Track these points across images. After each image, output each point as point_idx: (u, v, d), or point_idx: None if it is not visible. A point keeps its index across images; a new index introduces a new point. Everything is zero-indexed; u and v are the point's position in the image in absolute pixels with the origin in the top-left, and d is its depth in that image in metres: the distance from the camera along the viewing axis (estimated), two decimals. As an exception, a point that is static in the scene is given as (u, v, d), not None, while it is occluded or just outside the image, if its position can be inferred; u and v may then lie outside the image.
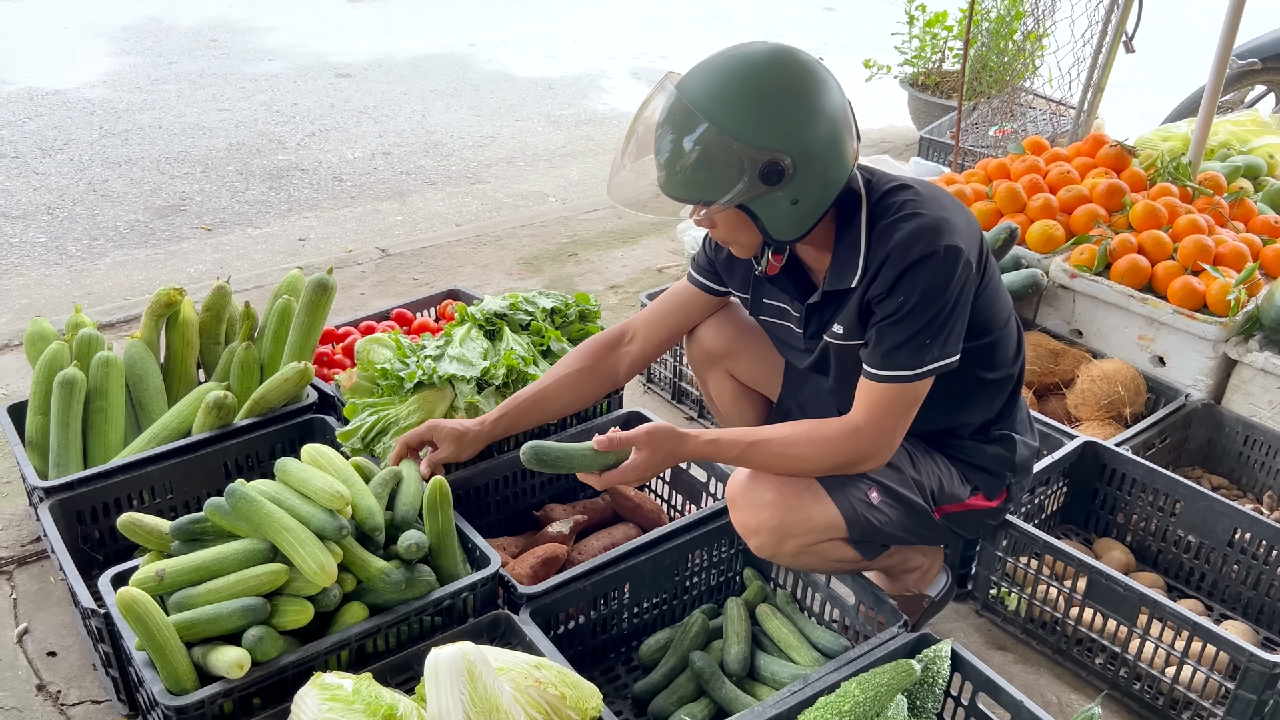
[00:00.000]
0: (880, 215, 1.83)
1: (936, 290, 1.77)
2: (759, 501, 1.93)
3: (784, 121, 1.68)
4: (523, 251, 4.23)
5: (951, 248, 1.77)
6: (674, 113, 1.71)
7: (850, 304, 1.87)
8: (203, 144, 5.52)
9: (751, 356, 2.31)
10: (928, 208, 1.80)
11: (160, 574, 1.78)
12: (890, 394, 1.84)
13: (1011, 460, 2.08)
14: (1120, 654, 2.15)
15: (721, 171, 1.69)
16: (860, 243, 1.84)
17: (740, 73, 1.69)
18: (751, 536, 1.97)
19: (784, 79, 1.69)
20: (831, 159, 1.73)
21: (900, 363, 1.81)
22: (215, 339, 2.72)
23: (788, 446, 1.88)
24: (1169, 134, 3.75)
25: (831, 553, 1.99)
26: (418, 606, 1.88)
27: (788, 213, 1.75)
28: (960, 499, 2.07)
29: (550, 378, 2.19)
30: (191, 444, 2.41)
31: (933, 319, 1.79)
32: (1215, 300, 2.73)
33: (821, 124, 1.70)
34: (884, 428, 1.86)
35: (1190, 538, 2.43)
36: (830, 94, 1.72)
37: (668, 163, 1.72)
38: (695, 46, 7.93)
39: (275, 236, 4.53)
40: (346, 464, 1.97)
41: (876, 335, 1.83)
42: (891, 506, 1.97)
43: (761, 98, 1.67)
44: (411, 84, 6.72)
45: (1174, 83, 7.59)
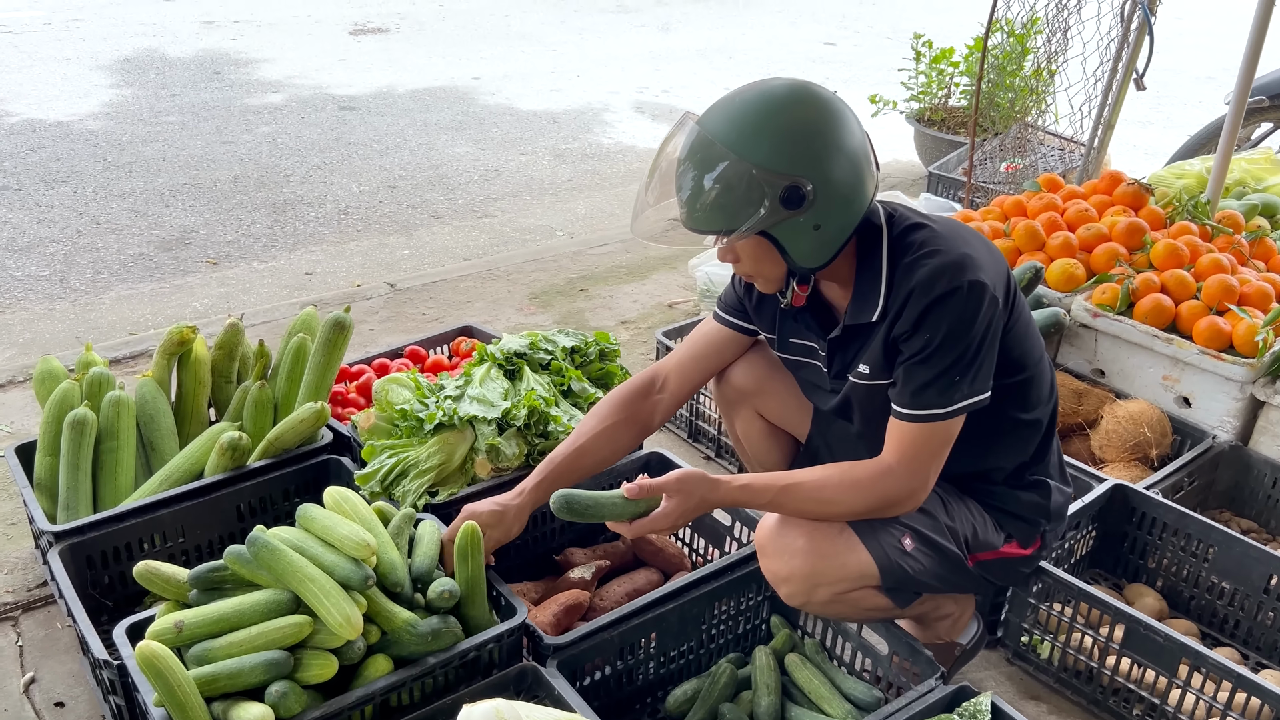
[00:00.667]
0: (901, 252, 1.81)
1: (963, 326, 1.75)
2: (790, 548, 1.88)
3: (803, 147, 1.68)
4: (532, 286, 4.19)
5: (975, 283, 1.75)
6: (694, 146, 1.73)
7: (875, 342, 1.85)
8: (207, 176, 5.50)
9: (781, 395, 2.27)
10: (949, 244, 1.79)
11: (179, 625, 1.72)
12: (921, 433, 1.81)
13: (1046, 507, 2.04)
14: (1160, 705, 2.10)
15: (742, 198, 1.68)
16: (880, 277, 1.82)
17: (758, 103, 1.70)
18: (782, 585, 1.92)
19: (802, 108, 1.71)
20: (852, 185, 1.73)
21: (930, 401, 1.78)
22: (227, 378, 2.67)
23: (821, 490, 1.84)
24: (1182, 172, 3.75)
25: (864, 601, 1.94)
26: (444, 659, 1.82)
27: (811, 239, 1.74)
28: (994, 547, 2.02)
29: (586, 433, 2.12)
30: (204, 486, 2.35)
31: (960, 356, 1.77)
32: (1242, 341, 2.70)
33: (840, 151, 1.71)
34: (916, 469, 1.83)
35: (1224, 584, 2.38)
36: (848, 124, 1.73)
37: (690, 195, 1.73)
38: (698, 81, 7.97)
39: (281, 270, 4.49)
40: (369, 510, 1.91)
41: (904, 374, 1.80)
42: (925, 554, 1.92)
43: (780, 125, 1.68)
44: (415, 117, 6.71)
45: (1175, 119, 7.65)
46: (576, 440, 2.12)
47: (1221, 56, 9.61)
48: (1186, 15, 10.36)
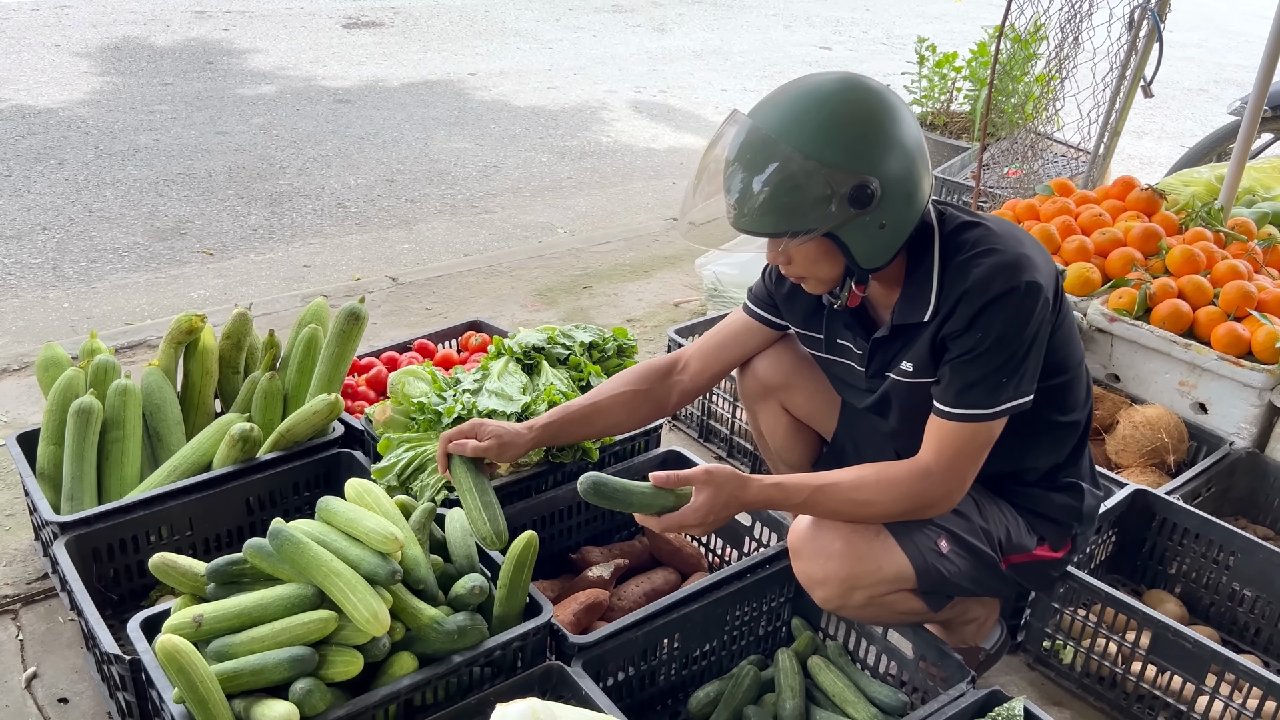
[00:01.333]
0: (955, 251, 1.78)
1: (1016, 327, 1.72)
2: (825, 551, 1.85)
3: (869, 144, 1.64)
4: (536, 283, 4.15)
5: (1032, 284, 1.72)
6: (752, 144, 1.67)
7: (922, 340, 1.82)
8: (201, 166, 5.41)
9: (808, 390, 2.23)
10: (1005, 244, 1.76)
11: (198, 620, 1.67)
12: (963, 434, 1.77)
13: (1079, 510, 2.01)
14: (1186, 712, 2.08)
15: (811, 198, 1.63)
16: (932, 277, 1.79)
17: (816, 99, 1.65)
18: (817, 588, 1.88)
19: (860, 103, 1.66)
20: (914, 181, 1.70)
21: (975, 401, 1.75)
22: (235, 368, 2.61)
23: (856, 490, 1.80)
24: (1191, 179, 3.75)
25: (898, 604, 1.91)
26: (470, 657, 1.77)
27: (875, 239, 1.70)
28: (1027, 549, 2.00)
29: (602, 393, 2.11)
30: (214, 478, 2.30)
31: (1010, 357, 1.74)
32: (1261, 347, 2.69)
33: (902, 146, 1.67)
34: (955, 470, 1.79)
35: (1246, 591, 2.37)
36: (905, 118, 1.70)
37: (748, 196, 1.67)
38: (695, 82, 7.95)
39: (279, 262, 4.42)
40: (393, 504, 1.86)
41: (950, 372, 1.77)
42: (961, 556, 1.89)
43: (842, 122, 1.64)
44: (412, 111, 6.65)
45: (1168, 129, 7.70)
46: (594, 397, 2.10)
47: (1211, 69, 9.71)
48: (1176, 28, 10.47)
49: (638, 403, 2.13)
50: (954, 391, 1.76)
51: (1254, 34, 11.51)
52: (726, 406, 3.01)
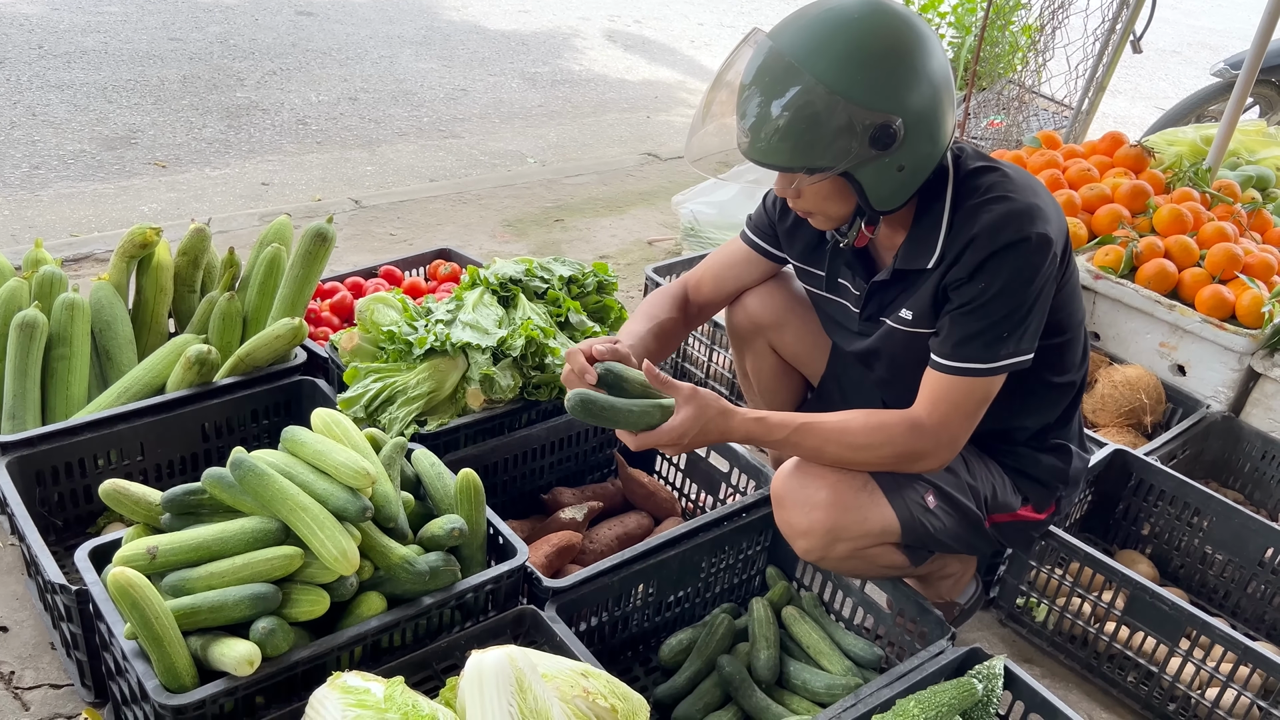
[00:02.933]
0: (967, 194, 1.70)
1: (1022, 280, 1.65)
2: (811, 500, 1.78)
3: (895, 80, 1.54)
4: (505, 214, 4.01)
5: (1042, 236, 1.65)
6: (772, 69, 1.55)
7: (924, 287, 1.74)
8: (154, 74, 5.15)
9: (798, 330, 2.16)
10: (1019, 192, 1.68)
11: (153, 551, 1.56)
12: (959, 388, 1.71)
13: (1065, 472, 1.98)
14: (1156, 673, 2.07)
15: (831, 135, 1.53)
16: (941, 222, 1.71)
17: (845, 28, 1.54)
18: (800, 539, 1.83)
19: (891, 34, 1.55)
20: (938, 122, 1.60)
21: (973, 354, 1.68)
22: (191, 287, 2.48)
23: (843, 434, 1.73)
24: (1175, 139, 3.70)
25: (880, 558, 1.86)
26: (441, 599, 1.69)
27: (893, 180, 1.61)
28: (1012, 509, 1.96)
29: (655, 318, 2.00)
30: (167, 402, 2.18)
31: (1013, 310, 1.67)
32: (1246, 311, 2.67)
33: (929, 83, 1.57)
34: (948, 425, 1.73)
35: (1218, 555, 2.37)
36: (935, 51, 1.59)
37: (765, 125, 1.56)
38: (670, 14, 7.74)
39: (236, 179, 4.22)
40: (362, 436, 1.76)
41: (950, 323, 1.70)
42: (946, 513, 1.85)
43: (871, 55, 1.53)
44: (377, 28, 6.39)
45: (1142, 89, 7.68)
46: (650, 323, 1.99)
47: (1185, 31, 9.69)
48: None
49: (676, 329, 2.06)
50: (952, 343, 1.69)
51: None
52: (702, 350, 2.94)
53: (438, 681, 1.67)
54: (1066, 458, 1.98)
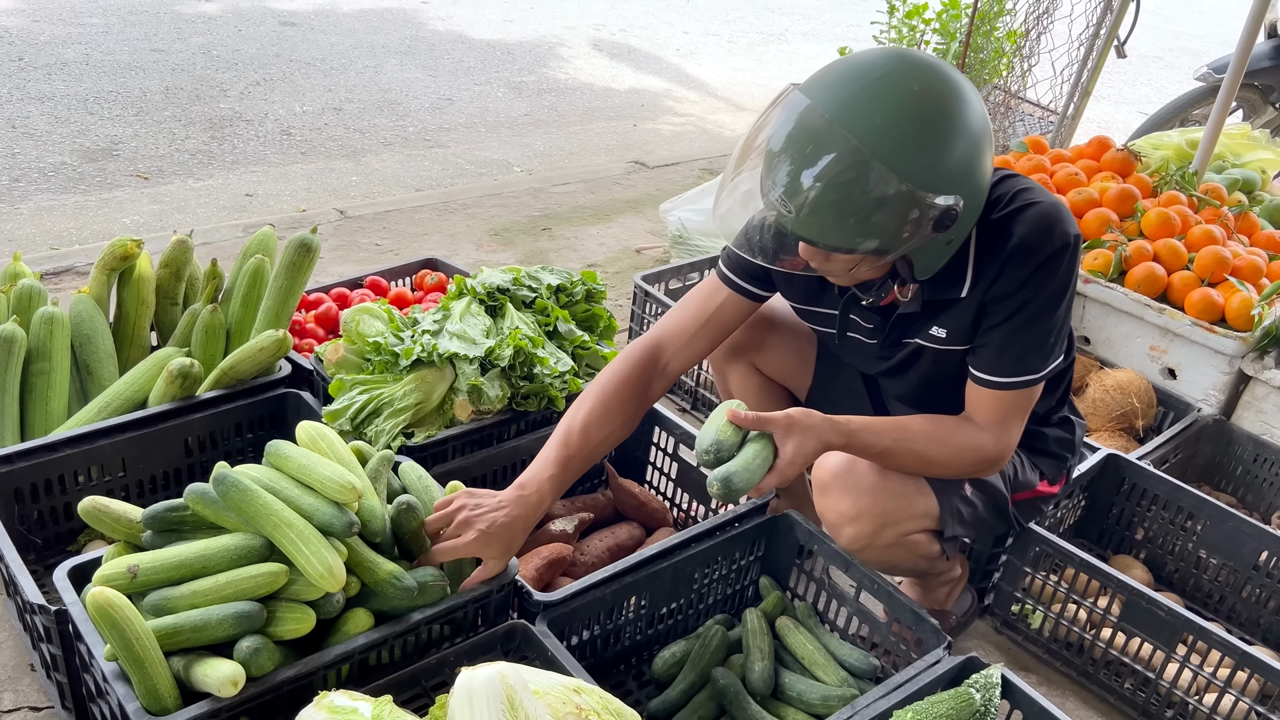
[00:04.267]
0: (990, 208, 1.65)
1: (1064, 285, 1.66)
2: (860, 486, 1.77)
3: (958, 161, 1.48)
4: (492, 223, 3.98)
5: (1077, 237, 1.65)
6: (829, 145, 1.44)
7: (959, 310, 1.70)
8: (136, 85, 5.11)
9: (781, 349, 2.14)
10: (1041, 194, 1.66)
11: (134, 570, 1.53)
12: (1019, 400, 1.72)
13: (1072, 441, 2.01)
14: (1153, 679, 2.06)
15: (899, 222, 1.47)
16: (970, 249, 1.67)
17: (904, 103, 1.45)
18: (848, 525, 1.81)
19: (947, 108, 1.47)
20: (985, 186, 1.57)
21: (1030, 365, 1.69)
22: (173, 299, 2.44)
23: (930, 447, 1.73)
24: (1161, 142, 3.71)
25: (920, 547, 1.87)
26: (430, 615, 1.66)
27: (940, 253, 1.59)
28: (1032, 485, 1.99)
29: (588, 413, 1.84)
30: (149, 416, 2.14)
31: (1062, 314, 1.69)
32: (1235, 314, 2.66)
33: (983, 154, 1.53)
34: (1011, 435, 1.75)
35: (1213, 559, 2.35)
36: (979, 110, 1.52)
37: (824, 206, 1.47)
38: (656, 23, 7.74)
39: (219, 190, 4.18)
40: (348, 450, 1.73)
41: (1004, 338, 1.67)
42: (980, 498, 1.89)
43: (937, 135, 1.46)
44: (361, 38, 6.36)
45: (1125, 95, 7.71)
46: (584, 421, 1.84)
47: (1166, 37, 9.74)
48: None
49: (624, 410, 1.87)
50: (1010, 360, 1.67)
51: (1208, 4, 11.59)
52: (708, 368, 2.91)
53: (427, 700, 1.63)
54: (1070, 428, 2.02)
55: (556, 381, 2.21)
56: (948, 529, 1.82)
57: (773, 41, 7.75)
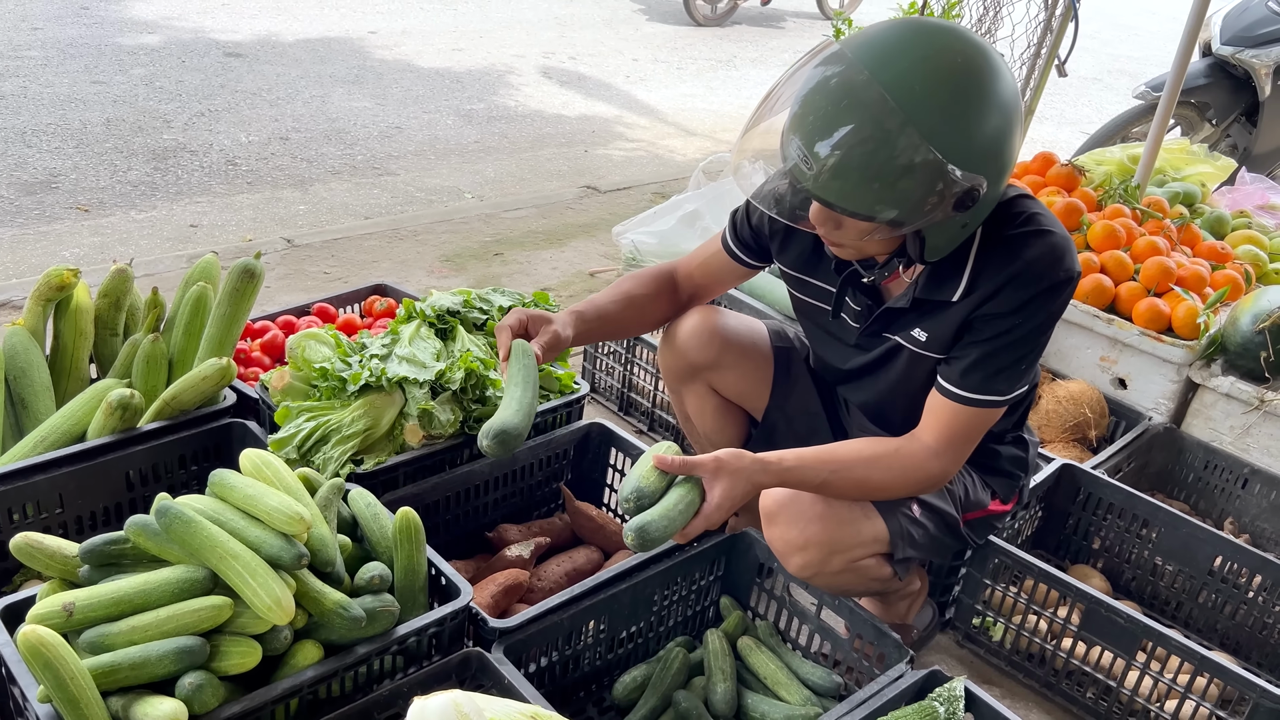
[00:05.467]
0: (1001, 220, 1.63)
1: (1054, 317, 1.66)
2: (807, 514, 1.74)
3: (989, 139, 1.45)
4: (443, 249, 3.95)
5: (1078, 274, 1.65)
6: (864, 103, 1.40)
7: (947, 315, 1.69)
8: (75, 117, 5.01)
9: (737, 368, 2.13)
10: (1056, 226, 1.65)
11: (69, 608, 1.46)
12: (976, 418, 1.70)
13: (1025, 460, 2.00)
14: (1115, 688, 2.06)
15: (923, 193, 1.43)
16: (969, 256, 1.65)
17: (946, 73, 1.41)
18: (796, 554, 1.78)
19: (986, 83, 1.44)
20: (1010, 170, 1.55)
21: (997, 386, 1.67)
22: (113, 330, 2.37)
23: (870, 470, 1.70)
24: (1103, 158, 3.78)
25: (870, 570, 1.83)
26: (381, 645, 1.61)
27: (954, 234, 1.57)
28: (983, 505, 1.97)
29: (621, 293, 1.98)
30: (88, 450, 2.06)
31: (1037, 344, 1.68)
32: (1182, 323, 2.70)
33: (1013, 138, 1.51)
34: (961, 453, 1.73)
35: (1168, 566, 2.37)
36: (1014, 93, 1.50)
37: (848, 167, 1.42)
38: (605, 50, 7.78)
39: (163, 221, 4.10)
40: (295, 478, 1.68)
41: (981, 355, 1.65)
42: (929, 519, 1.86)
43: (971, 108, 1.42)
44: (308, 68, 6.31)
45: (1067, 115, 7.87)
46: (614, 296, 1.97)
47: (1105, 60, 9.99)
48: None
49: (652, 307, 2.02)
50: (979, 376, 1.66)
51: (1142, 27, 11.93)
52: (648, 379, 2.89)
53: (379, 732, 1.58)
54: (1024, 446, 2.01)
55: (510, 404, 2.17)
56: (898, 552, 1.80)
57: (721, 68, 7.82)
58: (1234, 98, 4.89)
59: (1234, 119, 4.96)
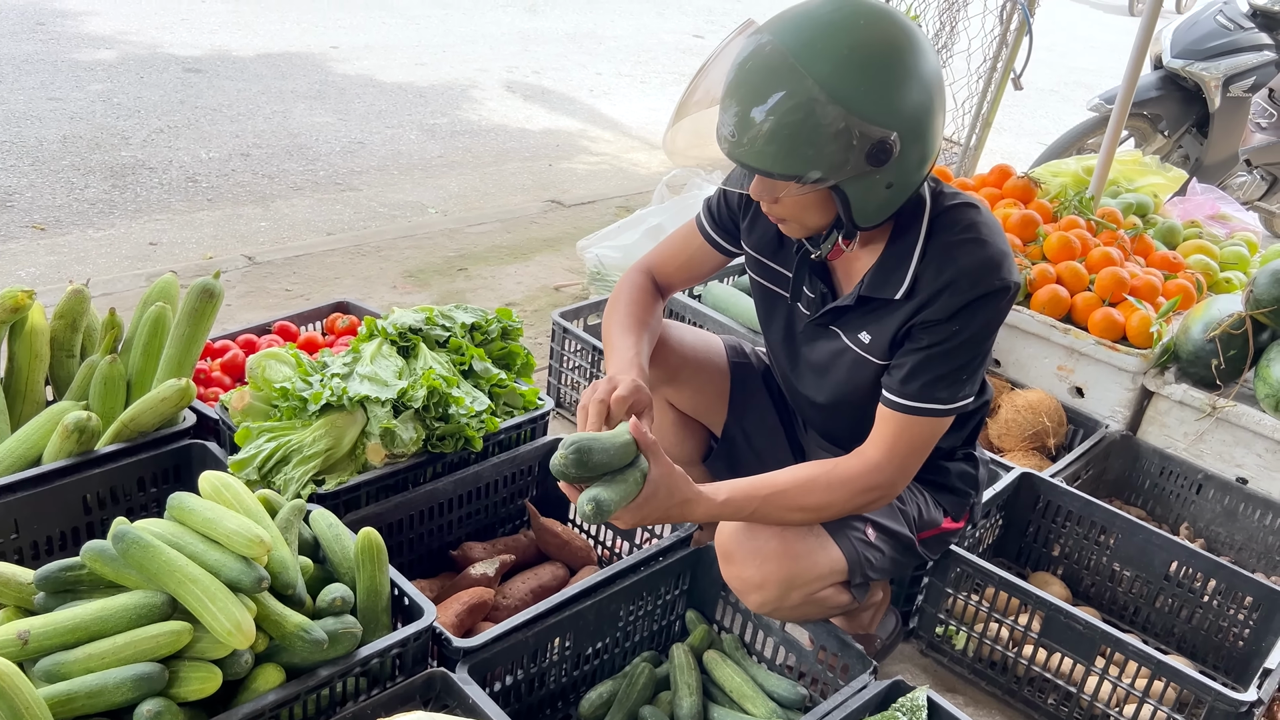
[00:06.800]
0: (943, 228, 1.67)
1: (991, 326, 1.68)
2: (762, 552, 1.74)
3: (896, 93, 1.48)
4: (406, 264, 3.93)
5: (1016, 285, 1.67)
6: (773, 70, 1.46)
7: (888, 319, 1.71)
8: (31, 134, 4.94)
9: (695, 384, 2.15)
10: (996, 237, 1.68)
11: (24, 636, 1.45)
12: (919, 428, 1.71)
13: (975, 477, 2.02)
14: (1075, 693, 2.08)
15: (829, 146, 1.46)
16: (914, 252, 1.68)
17: (850, 32, 1.47)
18: (754, 592, 1.78)
19: (894, 43, 1.48)
20: (930, 139, 1.57)
21: (938, 395, 1.68)
22: (69, 351, 2.34)
23: (806, 494, 1.70)
24: (1059, 170, 3.84)
25: (830, 600, 1.84)
26: (343, 667, 1.60)
27: (880, 197, 1.57)
28: (936, 524, 1.99)
29: (635, 315, 1.95)
30: (43, 474, 2.03)
31: (979, 353, 1.70)
32: (1136, 332, 2.75)
33: (927, 97, 1.52)
34: (906, 465, 1.73)
35: (1126, 571, 2.40)
36: (932, 61, 1.54)
37: (757, 128, 1.47)
38: (569, 64, 7.80)
39: (121, 239, 4.06)
40: (255, 500, 1.67)
41: (916, 363, 1.68)
42: (885, 542, 1.87)
43: (875, 64, 1.46)
44: (269, 84, 6.27)
45: (1025, 127, 7.99)
46: (639, 325, 1.94)
47: (1061, 72, 10.14)
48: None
49: (650, 319, 2.00)
50: (919, 384, 1.68)
51: (1098, 40, 12.13)
52: (612, 392, 2.89)
53: (343, 756, 1.57)
54: (974, 463, 2.03)
55: (473, 421, 2.17)
56: (856, 578, 1.81)
57: (684, 81, 7.83)
58: (1185, 109, 4.99)
59: (1185, 130, 5.07)
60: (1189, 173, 4.42)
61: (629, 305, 1.97)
